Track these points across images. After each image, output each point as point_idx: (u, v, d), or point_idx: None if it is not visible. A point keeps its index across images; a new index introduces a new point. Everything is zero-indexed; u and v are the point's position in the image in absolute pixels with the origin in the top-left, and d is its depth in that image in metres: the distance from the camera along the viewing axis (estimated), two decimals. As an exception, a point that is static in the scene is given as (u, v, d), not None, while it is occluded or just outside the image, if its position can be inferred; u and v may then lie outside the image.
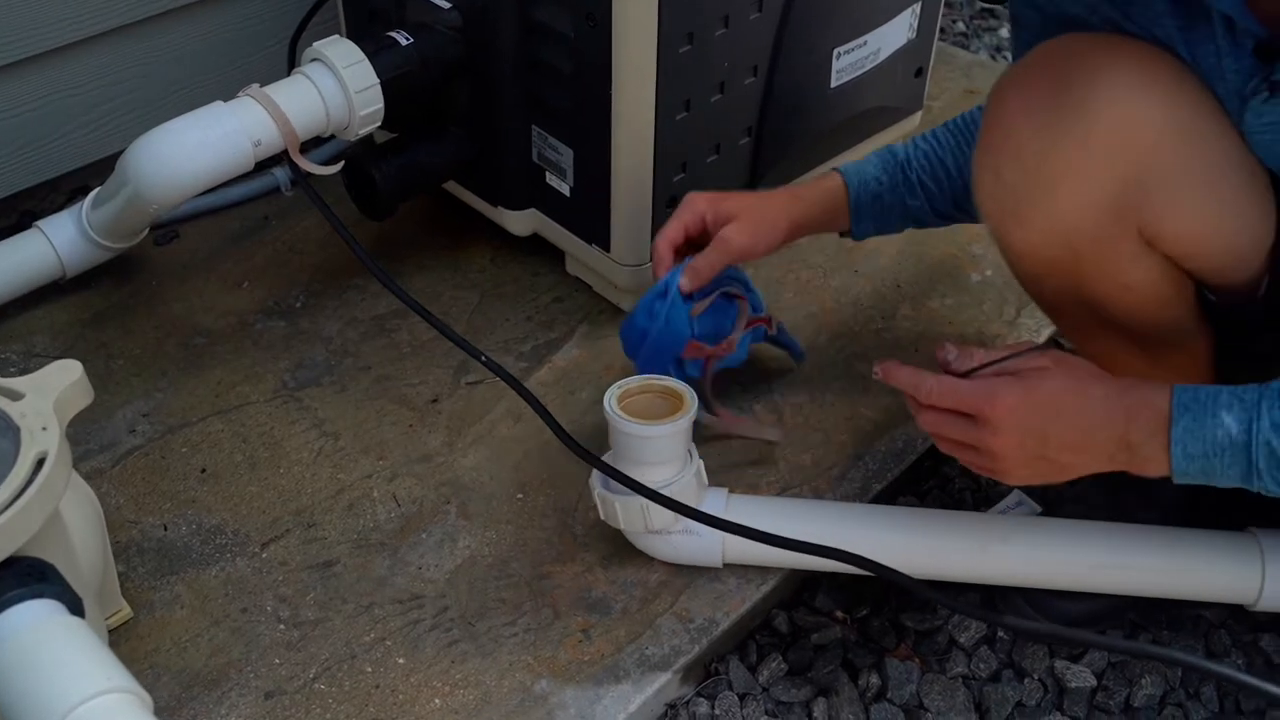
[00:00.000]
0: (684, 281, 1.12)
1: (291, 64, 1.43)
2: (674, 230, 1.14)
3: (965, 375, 0.93)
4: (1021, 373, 0.90)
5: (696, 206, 1.14)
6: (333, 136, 1.24)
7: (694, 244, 1.15)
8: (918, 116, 1.56)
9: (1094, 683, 1.07)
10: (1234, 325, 1.01)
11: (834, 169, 1.18)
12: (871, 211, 1.17)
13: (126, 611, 1.05)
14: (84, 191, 1.31)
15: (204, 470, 1.19)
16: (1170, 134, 0.87)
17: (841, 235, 1.21)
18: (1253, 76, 0.86)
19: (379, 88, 1.20)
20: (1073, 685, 1.06)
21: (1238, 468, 0.84)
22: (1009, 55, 1.98)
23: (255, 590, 1.08)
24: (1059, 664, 1.08)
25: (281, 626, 1.05)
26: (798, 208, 1.16)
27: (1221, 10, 0.84)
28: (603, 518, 1.08)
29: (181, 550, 1.11)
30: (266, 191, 1.50)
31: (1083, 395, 0.89)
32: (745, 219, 1.13)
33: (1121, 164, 0.87)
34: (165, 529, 1.13)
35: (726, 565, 1.10)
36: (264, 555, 1.11)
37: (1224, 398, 0.84)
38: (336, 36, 1.21)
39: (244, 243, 1.46)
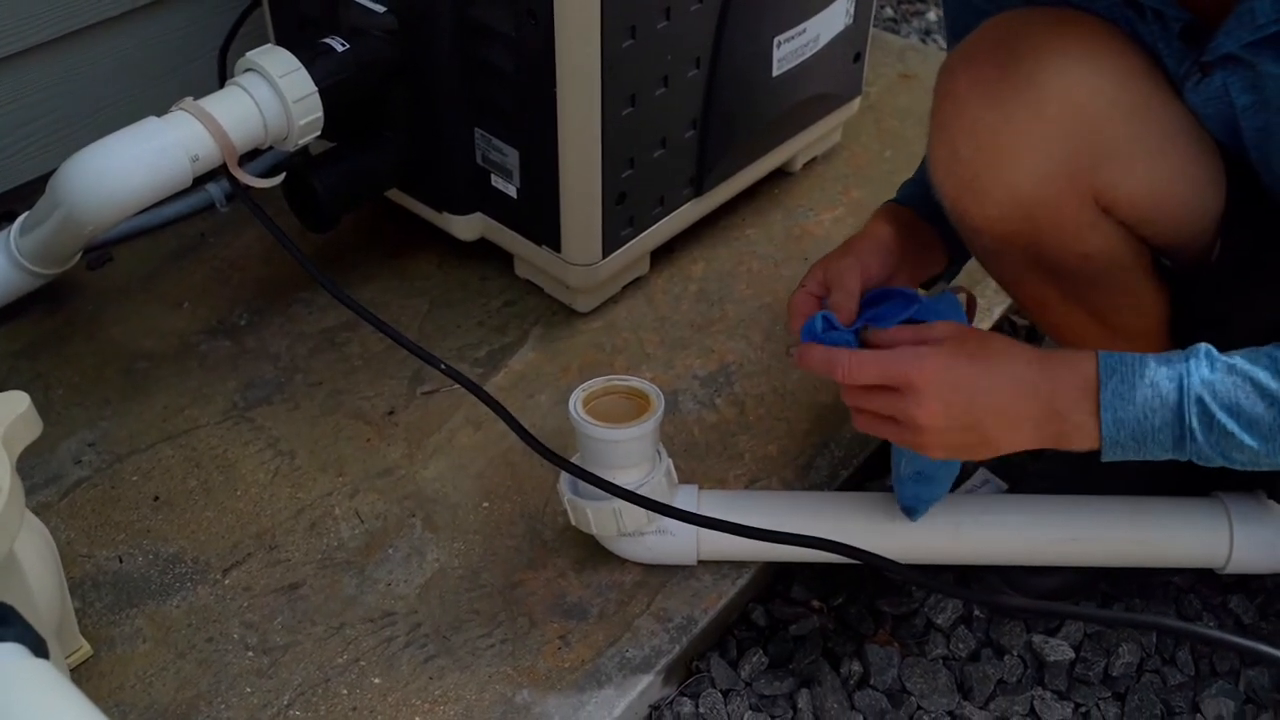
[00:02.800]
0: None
1: (223, 75, 1.39)
2: (801, 300, 1.01)
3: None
4: (942, 340, 0.88)
5: (798, 301, 1.01)
6: (271, 148, 1.20)
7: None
8: (856, 102, 1.56)
9: (1072, 655, 1.07)
10: (1190, 291, 1.02)
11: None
12: (924, 196, 1.07)
13: (86, 649, 1.01)
14: (9, 218, 1.26)
15: (157, 498, 1.15)
16: (1120, 103, 0.88)
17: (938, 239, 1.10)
18: (1184, 60, 0.87)
19: (317, 96, 1.17)
20: (1051, 659, 1.07)
21: (1169, 430, 0.83)
22: (939, 39, 2.00)
23: (220, 618, 1.05)
24: (1036, 639, 1.09)
25: (250, 654, 1.02)
26: (877, 225, 1.05)
27: (1145, 3, 0.86)
28: (573, 523, 1.06)
29: (139, 582, 1.08)
30: (202, 208, 1.46)
31: (1009, 360, 0.87)
32: (849, 255, 1.01)
33: (1074, 134, 0.87)
34: (121, 561, 1.09)
35: (701, 562, 1.09)
36: (226, 582, 1.08)
37: (1150, 360, 0.84)
38: (270, 45, 1.18)
39: (182, 262, 1.42)
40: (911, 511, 1.05)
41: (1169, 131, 0.90)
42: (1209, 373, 0.82)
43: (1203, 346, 0.84)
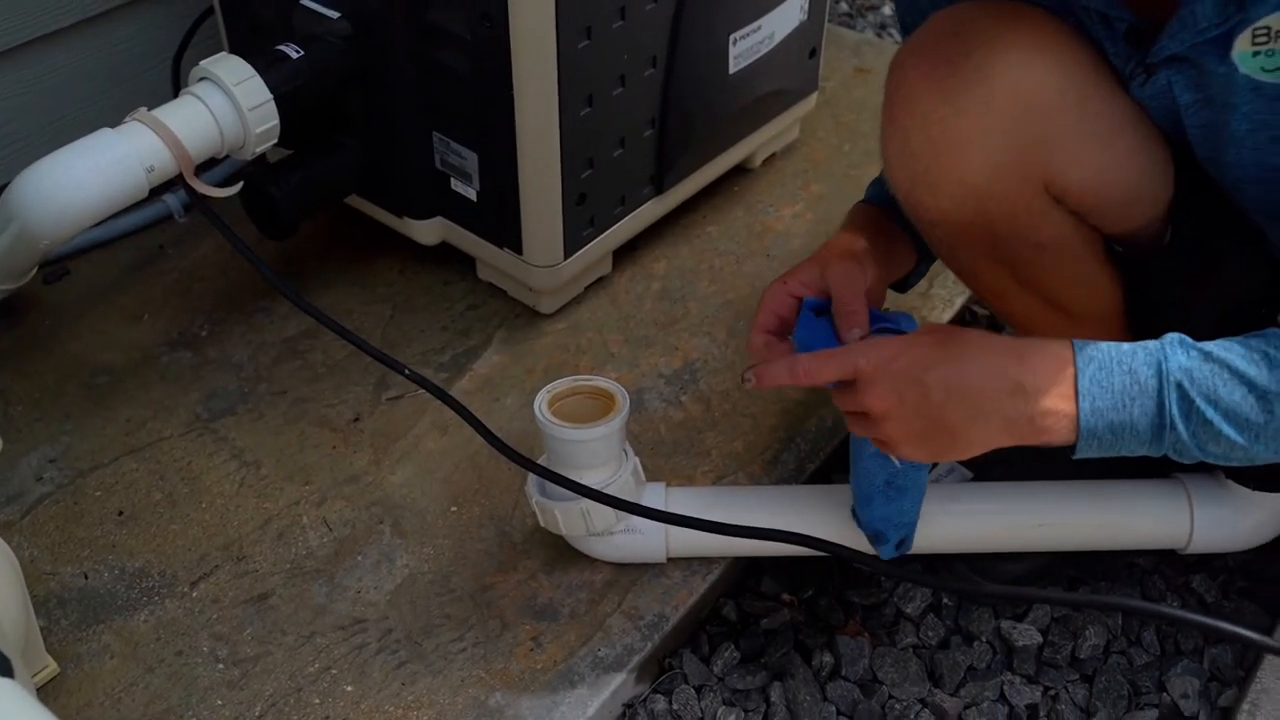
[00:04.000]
0: (855, 334, 0.93)
1: (176, 85, 1.38)
2: (765, 319, 0.98)
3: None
4: (908, 338, 0.87)
5: (774, 292, 0.99)
6: (228, 157, 1.20)
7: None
8: (813, 98, 1.57)
9: (1040, 639, 1.09)
10: (1144, 277, 1.03)
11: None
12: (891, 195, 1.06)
13: (53, 667, 1.00)
14: (-37, 234, 1.25)
15: (121, 513, 1.14)
16: (1068, 94, 0.89)
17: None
18: (1130, 60, 0.88)
19: (273, 103, 1.16)
20: (1020, 644, 1.08)
21: (1147, 419, 0.81)
22: (894, 33, 2.01)
23: (189, 631, 1.04)
24: (1004, 624, 1.10)
25: (220, 666, 1.01)
26: (853, 227, 1.05)
27: (1090, 6, 0.87)
28: (542, 525, 1.06)
29: (105, 598, 1.07)
30: (159, 220, 1.45)
31: (979, 347, 0.84)
32: (832, 262, 0.98)
33: (1024, 124, 0.88)
34: (86, 577, 1.08)
35: (670, 559, 1.09)
36: (194, 594, 1.07)
37: (1125, 348, 0.83)
38: (224, 53, 1.17)
39: (140, 274, 1.41)
40: (879, 539, 1.01)
41: (1116, 121, 0.92)
42: (1185, 359, 0.81)
43: (1175, 335, 0.83)
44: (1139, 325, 1.07)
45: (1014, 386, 0.82)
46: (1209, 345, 0.83)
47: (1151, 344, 0.83)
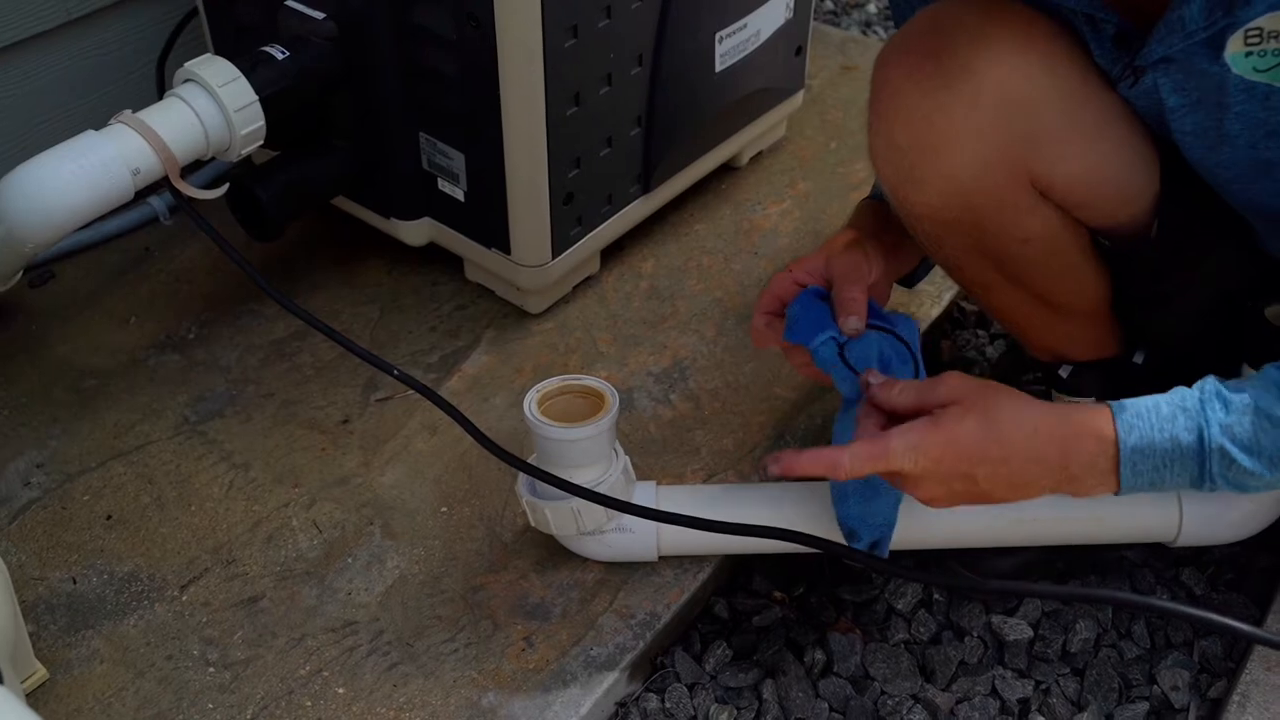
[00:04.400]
0: (852, 321, 0.95)
1: (161, 86, 1.38)
2: (768, 302, 1.00)
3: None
4: (936, 415, 0.85)
5: (779, 279, 1.00)
6: (214, 159, 1.19)
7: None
8: (800, 96, 1.57)
9: (1031, 634, 1.09)
10: (1130, 270, 1.04)
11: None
12: None
13: (42, 673, 1.00)
14: (-52, 238, 1.24)
15: (110, 517, 1.13)
16: (1053, 90, 0.90)
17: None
18: (1116, 62, 0.89)
19: (258, 105, 1.16)
20: (1011, 638, 1.08)
21: (1187, 476, 0.83)
22: (880, 30, 2.01)
23: (179, 635, 1.04)
24: (995, 619, 1.10)
25: (211, 670, 1.01)
26: (860, 222, 1.06)
27: (1075, 9, 0.87)
28: (533, 524, 1.06)
29: (94, 602, 1.06)
30: (145, 222, 1.44)
31: (1016, 427, 0.85)
32: (837, 253, 1.00)
33: (1010, 120, 0.89)
34: (74, 582, 1.08)
35: (661, 558, 1.09)
36: (184, 598, 1.07)
37: (1164, 410, 0.83)
38: (209, 55, 1.16)
39: (127, 277, 1.40)
40: (853, 537, 1.00)
41: (1102, 116, 0.92)
42: (1225, 416, 0.82)
43: (1211, 384, 0.84)
44: (1125, 318, 1.07)
45: (1059, 472, 0.85)
46: (1247, 391, 0.83)
47: (1191, 401, 0.83)
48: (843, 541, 0.99)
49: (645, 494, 1.07)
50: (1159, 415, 0.83)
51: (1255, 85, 0.81)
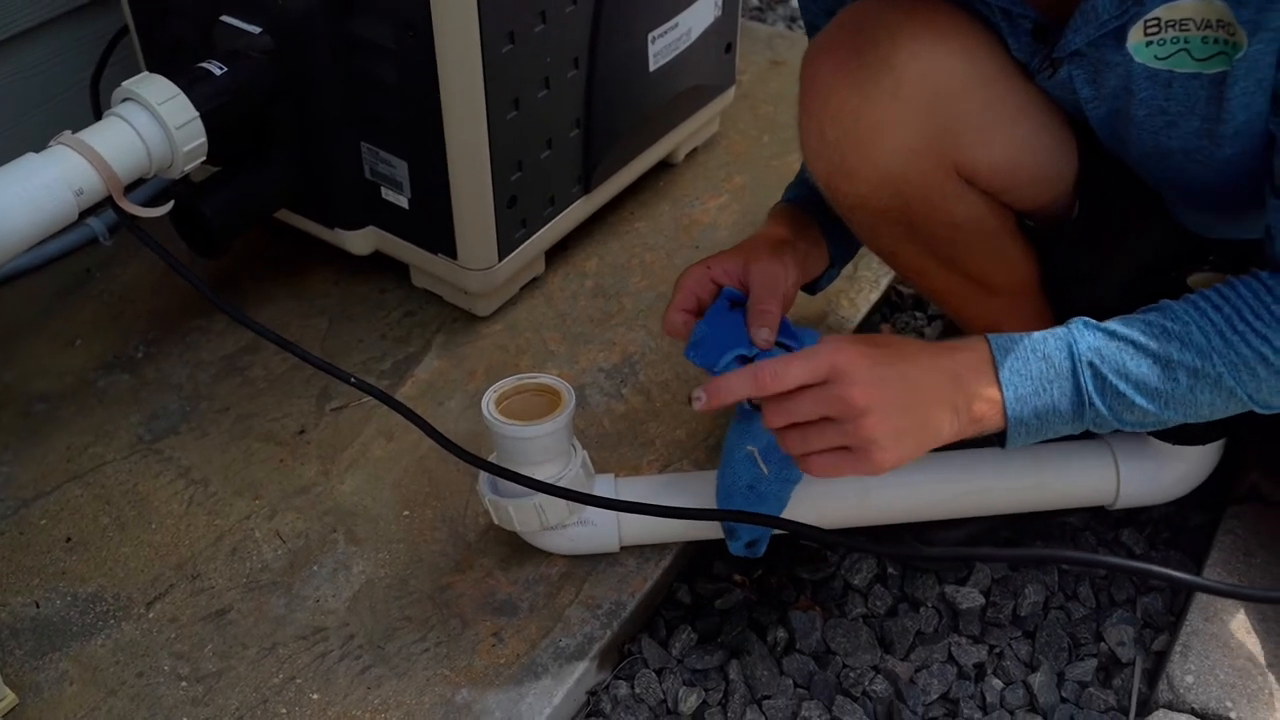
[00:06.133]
0: (763, 333, 0.95)
1: (96, 106, 1.37)
2: (684, 299, 1.01)
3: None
4: (842, 339, 0.87)
5: (695, 274, 1.02)
6: (155, 177, 1.19)
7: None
8: (731, 92, 1.60)
9: (983, 601, 1.13)
10: (1056, 250, 1.08)
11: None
12: (808, 197, 1.10)
13: (11, 698, 1.00)
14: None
15: (69, 539, 1.13)
16: (972, 80, 0.94)
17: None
18: (1034, 55, 0.93)
19: (199, 121, 1.16)
20: (964, 606, 1.12)
21: (1067, 400, 0.86)
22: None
23: (148, 652, 1.04)
24: (948, 589, 1.14)
25: (183, 684, 1.02)
26: (776, 228, 1.08)
27: (993, 4, 0.92)
28: (496, 523, 1.08)
29: (59, 625, 1.06)
30: (84, 243, 1.43)
31: (912, 348, 0.88)
32: (758, 259, 1.01)
33: (931, 111, 0.93)
34: (38, 606, 1.08)
35: (624, 548, 1.11)
36: (150, 615, 1.07)
37: (1035, 335, 0.87)
38: (147, 73, 1.16)
39: (69, 299, 1.40)
40: (731, 534, 1.02)
41: (1020, 103, 0.96)
42: (1093, 339, 0.86)
43: (1079, 319, 0.88)
44: (1055, 296, 1.12)
45: (951, 377, 0.86)
46: (1112, 324, 0.87)
47: (1059, 329, 0.88)
48: (803, 522, 1.02)
49: (605, 486, 1.09)
50: (1030, 338, 0.87)
51: (1158, 73, 0.85)
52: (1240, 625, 1.04)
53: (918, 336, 1.44)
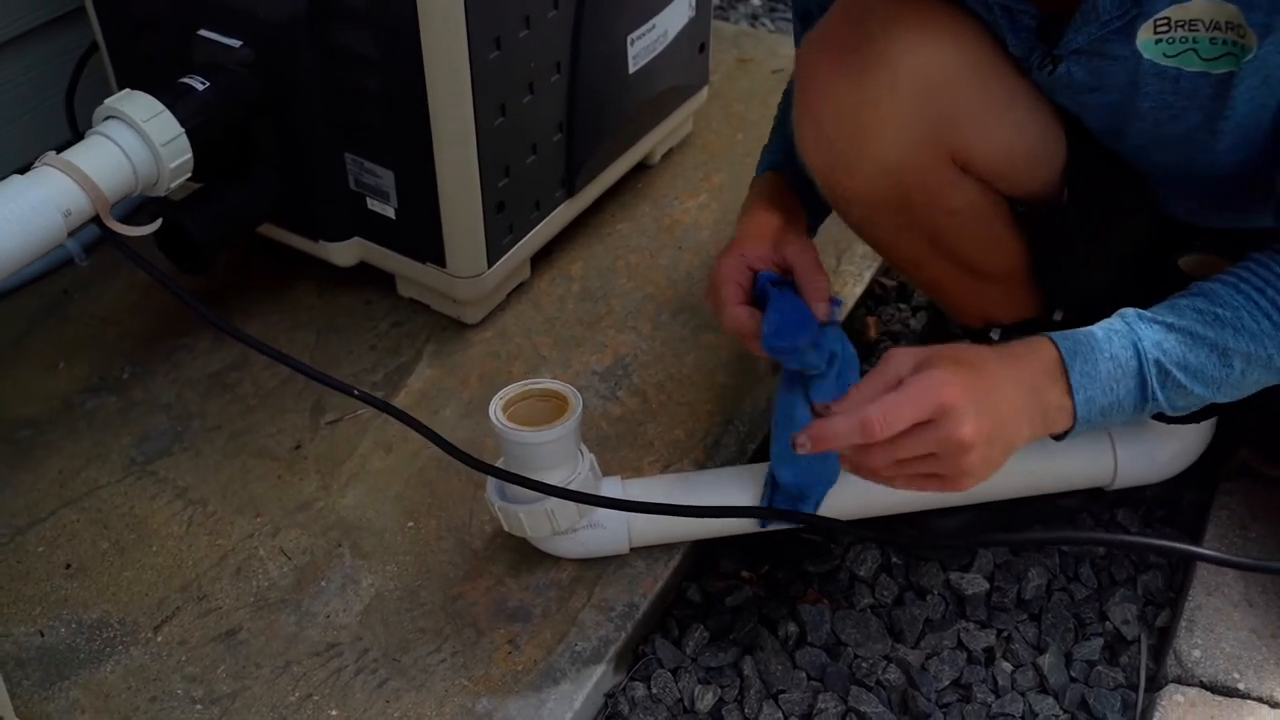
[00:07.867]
0: (823, 308, 0.98)
1: (72, 123, 1.35)
2: (734, 293, 1.02)
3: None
4: (931, 362, 0.85)
5: (733, 264, 1.03)
6: (139, 195, 1.18)
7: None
8: (705, 92, 1.61)
9: (987, 586, 1.15)
10: (1046, 235, 1.10)
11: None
12: (783, 161, 1.12)
13: (22, 729, 0.98)
14: None
15: (69, 565, 1.11)
16: (965, 71, 0.96)
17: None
18: (1033, 51, 0.95)
19: (185, 137, 1.14)
20: (969, 592, 1.14)
21: (1131, 397, 0.87)
22: (767, 22, 2.07)
23: (159, 676, 1.03)
24: (953, 576, 1.16)
25: (198, 707, 1.00)
26: (763, 202, 1.09)
27: (993, 1, 0.93)
28: (506, 529, 1.08)
29: (66, 653, 1.04)
30: (60, 264, 1.41)
31: (988, 363, 0.87)
32: (787, 239, 1.03)
33: (928, 104, 0.94)
34: (42, 634, 1.06)
35: (632, 550, 1.12)
36: (159, 639, 1.05)
37: (1098, 335, 0.88)
38: (129, 90, 1.15)
39: (49, 321, 1.37)
40: (804, 497, 1.03)
41: (1011, 92, 0.98)
42: (1154, 334, 0.87)
43: (1130, 310, 0.89)
44: (1044, 280, 1.14)
45: (1029, 390, 0.86)
46: (1165, 315, 0.88)
47: (1118, 324, 0.88)
48: (814, 512, 1.03)
49: (612, 488, 1.09)
50: (1093, 337, 0.87)
51: (1165, 69, 0.87)
52: (1242, 598, 1.07)
53: (904, 328, 1.45)
